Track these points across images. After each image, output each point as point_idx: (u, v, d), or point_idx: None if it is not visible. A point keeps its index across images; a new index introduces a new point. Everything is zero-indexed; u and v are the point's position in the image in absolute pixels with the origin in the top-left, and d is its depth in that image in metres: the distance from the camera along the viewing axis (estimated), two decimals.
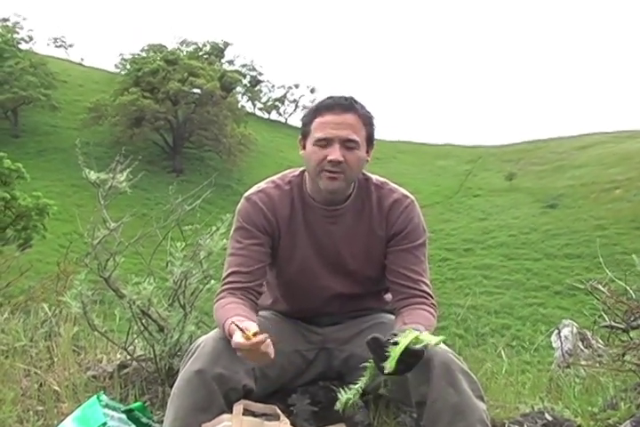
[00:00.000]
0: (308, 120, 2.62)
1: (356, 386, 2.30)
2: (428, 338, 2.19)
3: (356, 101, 2.59)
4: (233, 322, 2.30)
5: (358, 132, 2.56)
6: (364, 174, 2.75)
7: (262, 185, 2.76)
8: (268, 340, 2.24)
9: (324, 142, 2.54)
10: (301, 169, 2.76)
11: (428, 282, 2.70)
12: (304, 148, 2.65)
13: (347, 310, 2.82)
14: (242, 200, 2.73)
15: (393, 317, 2.72)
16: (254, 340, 2.21)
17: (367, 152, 2.64)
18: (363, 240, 2.71)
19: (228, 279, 2.63)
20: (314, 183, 2.65)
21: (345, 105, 2.56)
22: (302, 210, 2.71)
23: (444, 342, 2.52)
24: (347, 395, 2.29)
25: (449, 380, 2.31)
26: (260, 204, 2.68)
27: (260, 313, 2.75)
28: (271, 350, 2.27)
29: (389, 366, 2.15)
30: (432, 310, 2.61)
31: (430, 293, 2.67)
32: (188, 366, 2.39)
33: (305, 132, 2.63)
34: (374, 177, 2.80)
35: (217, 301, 2.60)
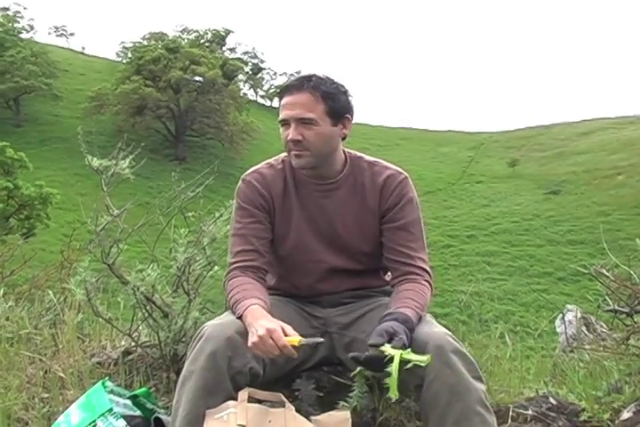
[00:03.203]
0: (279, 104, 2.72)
1: (355, 393, 2.38)
2: (415, 358, 2.22)
3: (311, 79, 2.64)
4: (253, 314, 2.41)
5: (314, 109, 2.61)
6: (355, 153, 2.84)
7: (257, 166, 2.86)
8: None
9: (285, 123, 2.65)
10: None
11: (426, 258, 2.73)
12: None
13: (345, 287, 2.84)
14: (239, 182, 2.82)
15: None
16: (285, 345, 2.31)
17: (336, 125, 2.68)
18: (356, 214, 2.76)
19: (236, 258, 2.70)
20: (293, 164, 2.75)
21: (296, 85, 2.64)
22: (295, 186, 2.78)
23: (447, 327, 2.54)
24: (353, 403, 2.38)
25: (443, 360, 2.31)
26: (254, 182, 2.77)
27: None
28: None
29: (394, 394, 2.20)
30: (426, 287, 2.64)
31: (427, 269, 2.70)
32: (198, 349, 2.40)
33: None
34: (366, 156, 2.86)
35: (230, 279, 2.66)
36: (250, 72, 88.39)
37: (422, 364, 2.20)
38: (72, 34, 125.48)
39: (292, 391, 2.73)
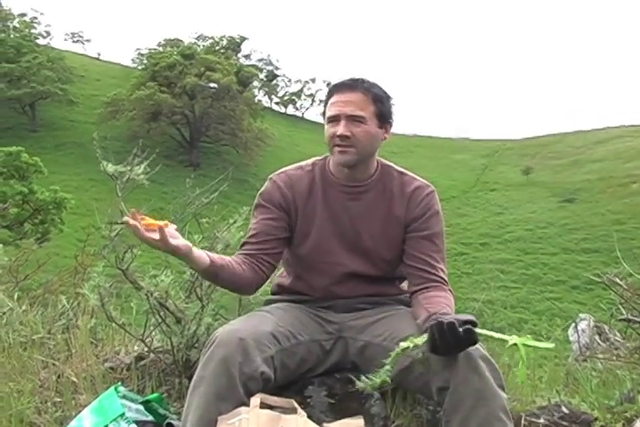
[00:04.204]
0: (324, 102, 2.80)
1: (386, 367, 2.31)
2: (540, 345, 2.22)
3: (364, 81, 2.74)
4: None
5: (365, 109, 2.70)
6: (385, 161, 2.89)
7: (287, 168, 2.92)
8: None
9: (333, 119, 2.71)
10: (327, 154, 2.87)
11: (446, 270, 2.77)
12: None
13: (360, 293, 2.84)
14: (266, 181, 2.88)
15: (409, 309, 2.74)
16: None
17: (381, 128, 2.77)
18: (381, 219, 2.79)
19: (239, 250, 2.79)
20: (334, 160, 2.79)
21: (350, 85, 2.73)
22: (322, 187, 2.82)
23: None
24: (380, 377, 2.31)
25: (471, 365, 2.33)
26: (279, 182, 2.83)
27: (277, 305, 2.81)
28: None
29: (523, 380, 2.17)
30: (450, 295, 2.68)
31: (447, 280, 2.74)
32: (209, 354, 2.40)
33: (324, 113, 2.79)
34: (395, 165, 2.92)
35: None
36: (264, 79, 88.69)
37: (549, 348, 2.23)
38: (88, 40, 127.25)
39: (303, 398, 2.72)
